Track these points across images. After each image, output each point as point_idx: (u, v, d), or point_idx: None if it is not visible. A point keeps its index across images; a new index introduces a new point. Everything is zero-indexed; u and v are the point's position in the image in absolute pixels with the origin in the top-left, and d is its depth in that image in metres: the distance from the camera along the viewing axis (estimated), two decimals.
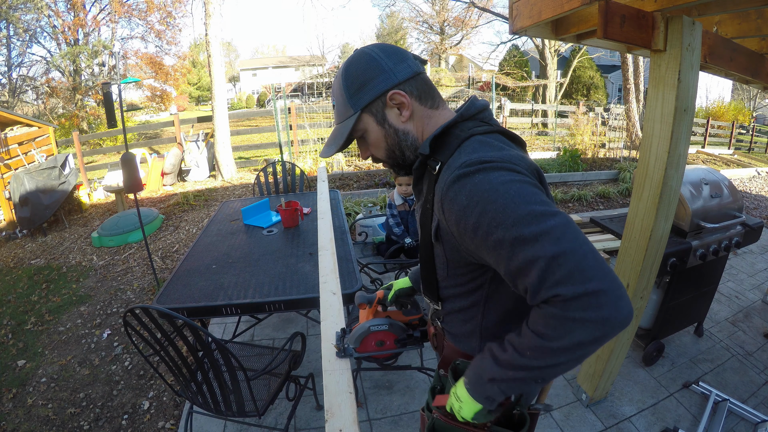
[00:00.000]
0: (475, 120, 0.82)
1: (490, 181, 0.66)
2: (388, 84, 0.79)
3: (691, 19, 1.45)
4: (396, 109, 0.81)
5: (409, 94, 0.81)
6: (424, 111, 0.83)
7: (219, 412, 1.59)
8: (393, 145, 0.84)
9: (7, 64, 14.25)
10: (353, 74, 0.81)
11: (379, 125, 0.83)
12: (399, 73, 0.79)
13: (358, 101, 0.81)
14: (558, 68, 15.20)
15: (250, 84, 33.36)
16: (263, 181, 3.59)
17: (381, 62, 0.79)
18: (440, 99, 0.86)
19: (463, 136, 0.77)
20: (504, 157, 0.71)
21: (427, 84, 0.83)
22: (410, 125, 0.83)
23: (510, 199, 0.64)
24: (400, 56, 0.81)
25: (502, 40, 24.20)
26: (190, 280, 2.00)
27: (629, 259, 1.79)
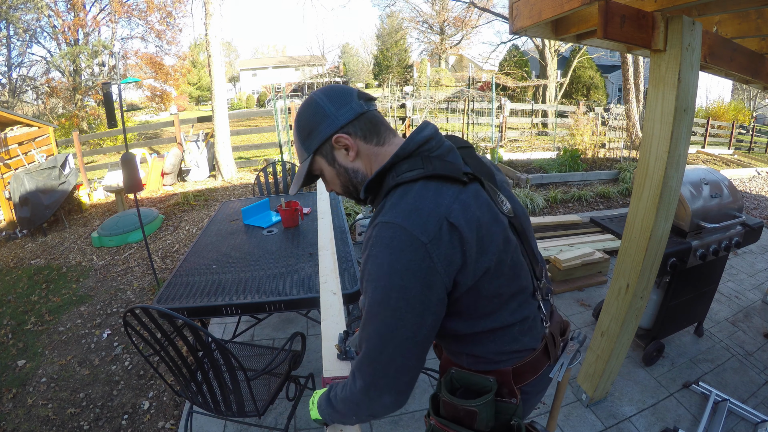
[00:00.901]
0: (415, 157, 0.82)
1: (378, 264, 0.75)
2: (332, 128, 0.84)
3: (691, 19, 1.45)
4: (343, 150, 0.87)
5: (353, 136, 0.85)
6: (370, 149, 0.87)
7: (219, 412, 1.59)
8: (346, 182, 0.90)
9: (7, 64, 14.26)
10: (303, 121, 0.88)
11: (330, 165, 0.89)
12: (341, 116, 0.84)
13: (310, 145, 0.88)
14: (558, 68, 15.20)
15: (250, 84, 33.37)
16: (263, 181, 3.59)
17: (325, 108, 0.85)
18: (387, 134, 0.89)
19: (389, 185, 0.81)
20: (409, 222, 0.73)
21: (372, 122, 0.87)
22: (359, 163, 0.88)
23: (380, 294, 0.75)
24: (344, 99, 0.85)
25: (502, 40, 24.21)
26: (190, 280, 2.00)
27: (629, 259, 1.79)
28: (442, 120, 9.54)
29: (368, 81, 33.12)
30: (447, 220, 0.74)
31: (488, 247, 0.79)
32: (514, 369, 0.89)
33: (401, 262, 0.72)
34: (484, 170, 0.91)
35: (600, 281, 3.37)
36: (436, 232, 0.73)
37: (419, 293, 0.73)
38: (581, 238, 4.11)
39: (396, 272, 0.73)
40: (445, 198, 0.77)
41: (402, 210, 0.75)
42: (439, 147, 0.85)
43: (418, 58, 27.19)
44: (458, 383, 0.90)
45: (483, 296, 0.81)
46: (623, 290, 1.83)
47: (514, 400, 0.89)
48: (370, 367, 0.78)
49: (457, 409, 0.86)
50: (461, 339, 0.88)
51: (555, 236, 4.25)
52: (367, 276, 0.76)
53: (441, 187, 0.78)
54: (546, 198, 5.66)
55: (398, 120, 8.58)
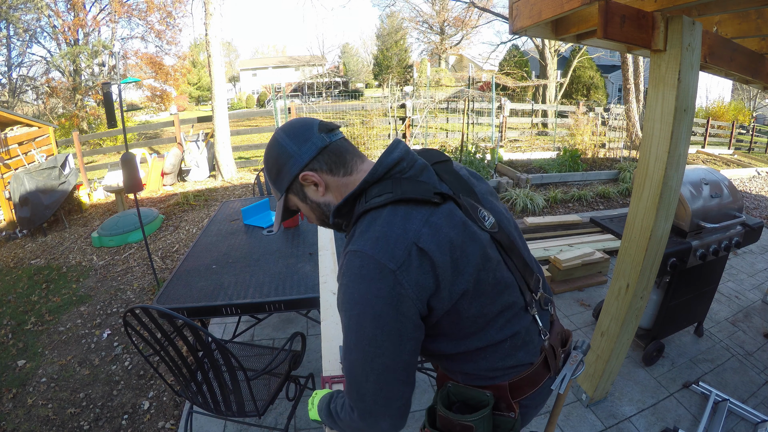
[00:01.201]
0: (386, 181, 0.82)
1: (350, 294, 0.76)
2: (297, 168, 0.85)
3: (691, 19, 1.45)
4: (312, 186, 0.87)
5: (319, 171, 0.85)
6: (338, 180, 0.87)
7: (219, 412, 1.59)
8: (321, 215, 0.91)
9: (7, 64, 14.27)
10: (270, 163, 0.89)
11: (303, 202, 0.90)
12: (304, 154, 0.84)
13: (280, 186, 0.89)
14: (558, 68, 15.20)
15: (250, 84, 33.37)
16: (263, 181, 3.59)
17: (287, 148, 0.85)
18: (354, 162, 0.88)
19: (358, 211, 0.81)
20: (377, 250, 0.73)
21: (336, 153, 0.86)
22: (329, 196, 0.88)
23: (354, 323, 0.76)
24: (304, 136, 0.85)
25: (502, 40, 24.22)
26: (190, 280, 2.00)
27: (629, 259, 1.79)
28: (442, 120, 9.53)
29: (368, 81, 33.13)
30: (416, 245, 0.74)
31: (464, 268, 0.77)
32: (512, 384, 0.87)
33: (371, 291, 0.72)
34: (462, 185, 0.89)
35: (600, 281, 3.37)
36: (405, 258, 0.73)
37: (393, 320, 0.73)
38: (581, 238, 4.11)
39: (367, 301, 0.73)
40: (414, 222, 0.76)
41: (369, 238, 0.75)
42: (411, 167, 0.84)
43: (418, 58, 27.21)
44: (454, 397, 0.89)
45: (464, 317, 0.80)
46: (623, 290, 1.83)
47: (512, 414, 0.87)
48: (359, 396, 0.78)
49: (453, 424, 0.85)
50: (451, 358, 0.87)
51: (555, 236, 4.25)
52: (341, 306, 0.77)
53: (410, 211, 0.77)
54: (546, 198, 5.66)
55: (398, 120, 8.57)
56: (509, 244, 0.88)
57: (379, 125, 8.46)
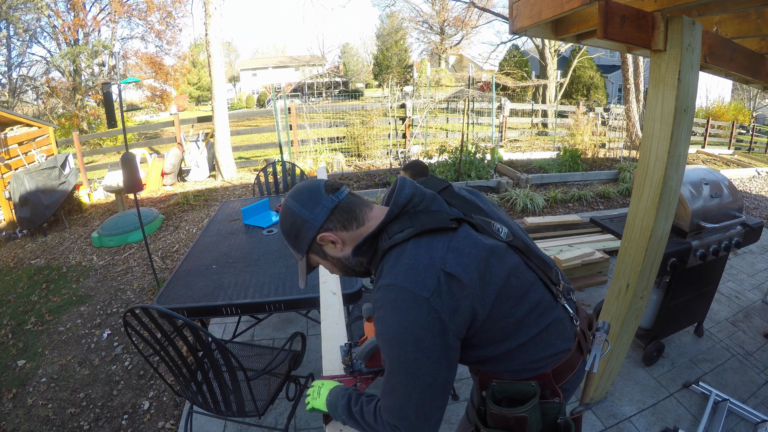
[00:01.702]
0: (403, 216, 0.87)
1: (388, 325, 0.80)
2: (312, 231, 0.90)
3: (691, 19, 1.44)
4: (330, 244, 0.92)
5: (334, 230, 0.90)
6: (353, 234, 0.91)
7: (219, 412, 1.59)
8: (344, 268, 0.96)
9: (7, 64, 14.26)
10: (287, 231, 0.93)
11: (324, 259, 0.96)
12: (317, 217, 0.89)
13: (300, 248, 0.94)
14: (558, 68, 15.20)
15: (250, 84, 33.36)
16: (263, 181, 3.59)
17: (301, 214, 0.90)
18: (364, 212, 0.92)
19: (383, 247, 0.86)
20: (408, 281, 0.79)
21: (346, 210, 0.91)
22: (348, 250, 0.92)
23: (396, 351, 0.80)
24: (314, 200, 0.90)
25: (502, 40, 24.21)
26: (190, 280, 2.00)
27: (629, 259, 1.78)
28: (442, 120, 9.53)
29: (368, 81, 33.12)
30: (443, 271, 0.80)
31: (490, 279, 0.84)
32: (554, 370, 0.92)
33: (408, 318, 0.78)
34: (469, 206, 0.96)
35: (600, 281, 3.36)
36: (435, 284, 0.79)
37: (431, 343, 0.78)
38: (581, 238, 4.11)
39: (406, 329, 0.78)
40: (438, 251, 0.82)
41: (400, 271, 0.81)
42: (422, 200, 0.90)
43: (418, 58, 27.22)
44: (500, 394, 0.92)
45: (499, 323, 0.86)
46: (623, 290, 1.83)
47: (557, 399, 0.92)
48: (402, 414, 0.82)
49: (507, 419, 0.88)
50: (495, 359, 0.91)
51: (555, 236, 4.25)
52: (381, 336, 0.82)
53: (431, 240, 0.83)
54: (546, 198, 5.66)
55: (398, 120, 8.57)
56: (525, 247, 0.94)
57: (379, 125, 8.46)
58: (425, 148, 8.52)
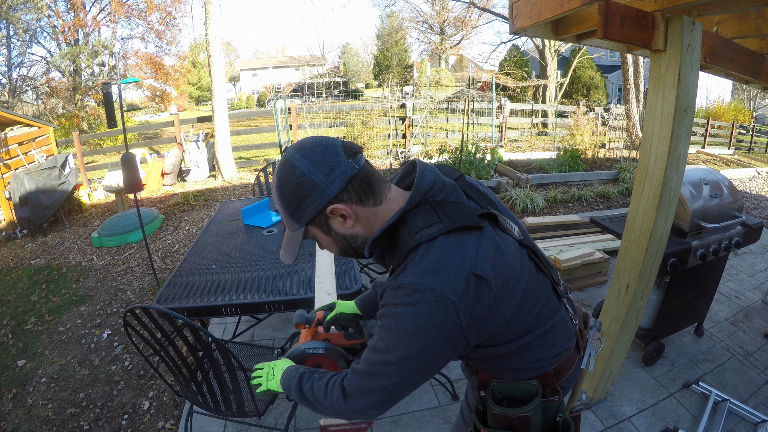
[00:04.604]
0: (424, 206, 0.79)
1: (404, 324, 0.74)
2: (324, 200, 0.77)
3: (691, 19, 1.44)
4: (339, 218, 0.80)
5: (349, 202, 0.78)
6: (368, 211, 0.81)
7: (219, 412, 1.59)
8: (344, 247, 0.86)
9: (7, 64, 14.27)
10: (287, 193, 0.79)
11: (326, 234, 0.84)
12: (333, 184, 0.76)
13: (300, 218, 0.81)
14: (558, 68, 15.20)
15: (250, 84, 33.37)
16: (263, 181, 3.59)
17: (312, 176, 0.76)
18: (383, 189, 0.82)
19: (410, 244, 0.77)
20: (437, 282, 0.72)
21: (366, 182, 0.79)
22: (357, 228, 0.82)
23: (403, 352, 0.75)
24: (331, 163, 0.76)
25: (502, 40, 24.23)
26: (190, 280, 2.00)
27: (629, 259, 1.79)
28: (442, 120, 9.53)
29: (368, 81, 33.12)
30: (473, 274, 0.73)
31: (515, 283, 0.80)
32: (555, 369, 0.92)
33: (429, 322, 0.72)
34: (485, 199, 0.89)
35: (600, 281, 3.37)
36: (464, 288, 0.72)
37: (440, 346, 0.74)
38: (581, 238, 4.10)
39: (422, 332, 0.72)
40: (469, 251, 0.75)
41: (427, 269, 0.73)
42: (442, 189, 0.82)
43: (418, 58, 27.21)
44: (501, 394, 0.91)
45: (514, 325, 0.83)
46: (623, 290, 1.83)
47: (556, 398, 0.91)
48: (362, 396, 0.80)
49: (511, 419, 0.87)
50: (501, 357, 0.89)
51: (555, 236, 4.25)
52: (389, 330, 0.75)
53: (462, 239, 0.76)
54: (546, 198, 5.66)
55: (398, 120, 8.57)
56: (533, 246, 0.91)
57: (379, 125, 8.47)
58: (425, 148, 8.52)
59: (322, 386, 0.86)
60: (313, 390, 0.88)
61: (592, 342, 1.02)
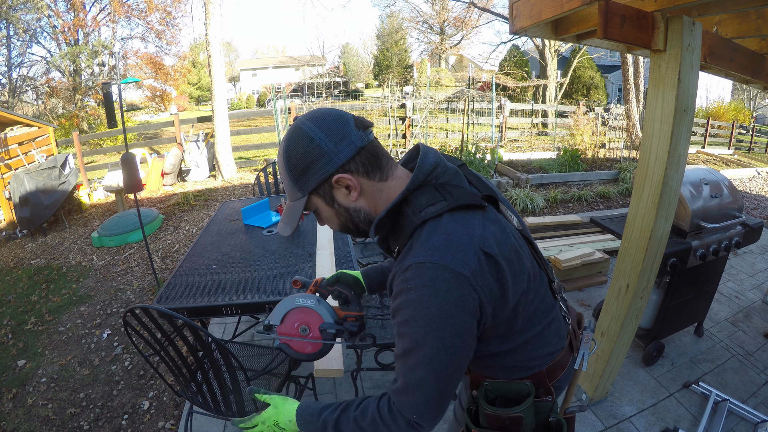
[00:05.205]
0: (427, 187, 0.78)
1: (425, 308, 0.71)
2: (331, 168, 0.76)
3: (691, 19, 1.45)
4: (344, 189, 0.79)
5: (356, 173, 0.77)
6: (373, 186, 0.80)
7: (219, 413, 1.59)
8: (345, 221, 0.83)
9: (7, 64, 14.27)
10: (294, 158, 0.77)
11: (328, 206, 0.82)
12: (341, 153, 0.75)
13: (304, 186, 0.79)
14: (558, 68, 15.20)
15: (250, 84, 33.38)
16: (263, 181, 3.59)
17: (321, 144, 0.75)
18: (389, 166, 0.81)
19: (415, 221, 0.75)
20: (449, 259, 0.70)
21: (374, 155, 0.79)
22: (361, 202, 0.81)
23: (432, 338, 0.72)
24: (341, 132, 0.76)
25: (502, 40, 24.23)
26: (190, 280, 1.99)
27: (629, 259, 1.79)
28: (442, 120, 9.54)
29: (368, 81, 33.12)
30: (482, 251, 0.72)
31: (519, 269, 0.78)
32: (548, 369, 0.91)
33: (449, 300, 0.70)
34: (486, 187, 0.88)
35: (600, 281, 3.37)
36: (476, 264, 0.71)
37: (470, 326, 0.73)
38: (581, 238, 4.11)
39: (446, 313, 0.70)
40: (475, 228, 0.74)
41: (436, 247, 0.71)
42: (445, 172, 0.81)
43: (418, 58, 27.22)
44: (493, 394, 0.90)
45: (520, 316, 0.82)
46: (623, 290, 1.83)
47: (549, 398, 0.90)
48: (427, 409, 0.76)
49: (503, 419, 0.86)
50: (496, 355, 0.87)
51: (555, 236, 4.25)
52: (413, 323, 0.72)
53: (467, 217, 0.75)
54: (546, 198, 5.66)
55: (398, 120, 8.57)
56: (531, 239, 0.90)
57: (380, 125, 8.46)
58: None
59: (373, 419, 0.79)
60: (364, 430, 0.81)
61: (586, 342, 1.02)
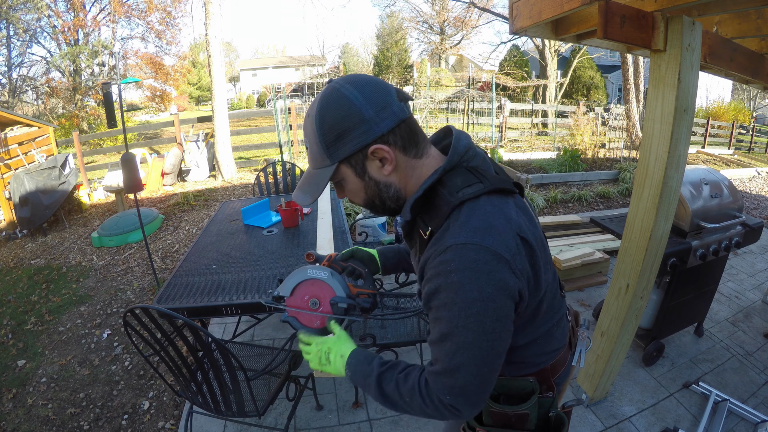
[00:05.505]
0: (459, 169, 0.77)
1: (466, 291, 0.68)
2: (369, 137, 0.72)
3: (691, 19, 1.45)
4: (378, 162, 0.75)
5: (393, 146, 0.74)
6: (408, 162, 0.77)
7: (219, 412, 1.59)
8: (373, 196, 0.80)
9: (7, 64, 14.27)
10: (329, 122, 0.72)
11: (358, 177, 0.77)
12: (382, 123, 0.71)
13: (335, 154, 0.74)
14: (558, 68, 15.21)
15: (250, 84, 33.37)
16: (263, 181, 3.59)
17: (362, 110, 0.70)
18: (424, 143, 0.79)
19: (452, 202, 0.73)
20: (490, 240, 0.68)
21: (412, 130, 0.76)
22: (393, 177, 0.77)
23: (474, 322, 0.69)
24: (383, 101, 0.72)
25: (502, 40, 24.23)
26: (190, 280, 1.99)
27: (629, 259, 1.79)
28: (442, 120, 9.55)
29: None
30: (518, 235, 0.71)
31: (546, 258, 0.78)
32: (552, 365, 0.91)
33: (491, 283, 0.67)
34: (509, 178, 0.87)
35: (600, 281, 3.37)
36: (515, 247, 0.70)
37: (509, 310, 0.71)
38: (581, 238, 4.10)
39: (488, 296, 0.67)
40: (511, 213, 0.73)
41: (476, 228, 0.69)
42: (475, 156, 0.79)
43: (418, 58, 27.19)
44: (496, 391, 0.89)
45: (542, 305, 0.81)
46: (623, 290, 1.83)
47: (551, 394, 0.91)
48: (463, 393, 0.73)
49: (509, 416, 0.86)
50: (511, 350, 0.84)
51: (555, 236, 4.25)
52: (453, 306, 0.69)
53: (502, 202, 0.74)
54: (546, 198, 5.66)
55: None
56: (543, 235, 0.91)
57: None
58: None
59: (413, 390, 0.77)
60: (402, 394, 0.78)
61: (582, 340, 1.03)
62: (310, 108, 0.77)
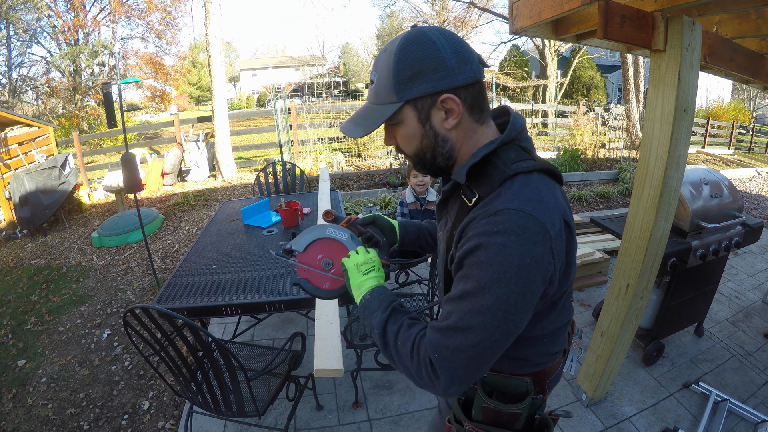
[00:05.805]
0: (513, 145, 0.77)
1: (507, 255, 0.66)
2: (445, 85, 0.71)
3: (691, 19, 1.45)
4: (443, 113, 0.74)
5: (463, 102, 0.73)
6: (470, 123, 0.76)
7: (219, 412, 1.59)
8: (426, 147, 0.78)
9: (7, 64, 14.28)
10: (409, 59, 0.71)
11: (419, 123, 0.75)
12: (460, 75, 0.71)
13: (405, 92, 0.72)
14: (558, 68, 15.21)
15: (250, 84, 33.39)
16: (263, 181, 3.59)
17: (445, 57, 0.70)
18: (488, 113, 0.79)
19: (507, 172, 0.72)
20: (540, 213, 0.68)
21: (482, 95, 0.76)
22: (452, 133, 0.77)
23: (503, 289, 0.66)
24: (466, 56, 0.72)
25: (502, 40, 24.24)
26: (190, 280, 2.00)
27: (629, 259, 1.79)
28: None
29: (368, 81, 33.04)
30: (563, 218, 0.71)
31: (576, 249, 0.78)
32: (549, 368, 0.91)
33: (532, 255, 0.66)
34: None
35: (600, 281, 3.37)
36: (559, 227, 0.70)
37: (537, 289, 0.69)
38: (581, 238, 4.10)
39: (525, 266, 0.66)
40: (558, 195, 0.74)
41: (529, 198, 0.69)
42: (527, 139, 0.80)
43: None
44: (490, 386, 0.89)
45: (563, 297, 0.81)
46: (623, 290, 1.83)
47: (541, 397, 0.90)
48: (452, 359, 0.69)
49: (502, 414, 0.85)
50: (518, 342, 0.80)
51: None
52: (486, 265, 0.67)
53: (551, 183, 0.75)
54: None
55: None
56: None
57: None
58: None
59: (409, 339, 0.75)
60: (397, 338, 0.77)
61: (575, 348, 1.03)
62: (389, 44, 0.75)
